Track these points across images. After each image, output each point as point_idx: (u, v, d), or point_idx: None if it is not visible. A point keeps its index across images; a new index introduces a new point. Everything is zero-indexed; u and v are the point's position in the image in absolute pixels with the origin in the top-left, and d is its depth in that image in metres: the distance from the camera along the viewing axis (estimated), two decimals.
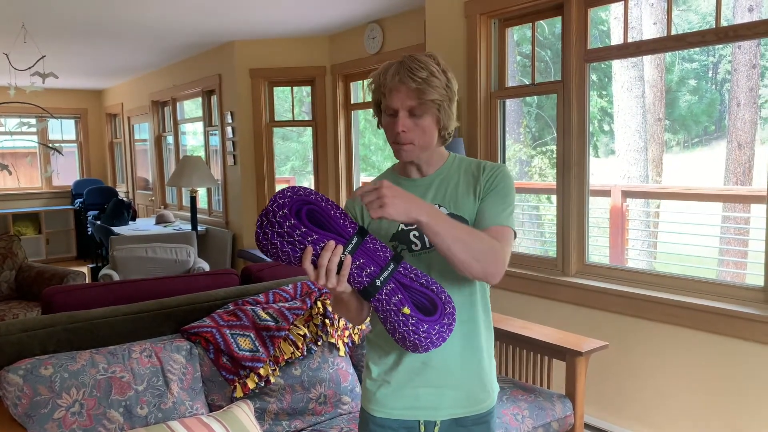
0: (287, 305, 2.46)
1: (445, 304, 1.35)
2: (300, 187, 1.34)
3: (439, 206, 1.49)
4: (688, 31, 2.73)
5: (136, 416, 2.01)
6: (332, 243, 1.28)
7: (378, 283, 1.31)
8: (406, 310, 1.31)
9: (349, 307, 1.45)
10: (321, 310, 2.49)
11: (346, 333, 2.57)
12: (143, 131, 8.47)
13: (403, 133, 1.43)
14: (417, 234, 1.48)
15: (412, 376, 1.50)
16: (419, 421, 1.52)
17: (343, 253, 1.29)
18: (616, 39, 6.80)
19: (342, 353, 2.51)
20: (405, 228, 1.49)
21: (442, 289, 1.37)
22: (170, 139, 7.61)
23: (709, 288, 2.74)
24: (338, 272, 1.29)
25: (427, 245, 1.48)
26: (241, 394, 2.24)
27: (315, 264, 1.29)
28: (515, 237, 1.48)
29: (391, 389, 1.52)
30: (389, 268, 1.32)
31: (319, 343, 2.44)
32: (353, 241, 1.30)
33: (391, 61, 1.45)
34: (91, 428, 1.93)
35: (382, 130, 1.51)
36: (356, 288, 1.33)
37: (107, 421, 1.96)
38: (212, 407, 2.24)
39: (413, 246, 1.48)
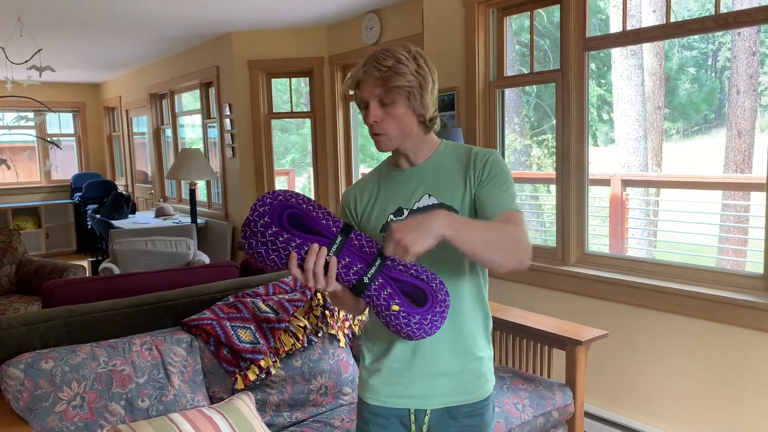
0: (287, 297, 2.47)
1: (436, 292, 1.35)
2: (280, 191, 1.33)
3: (429, 196, 1.47)
4: (688, 18, 2.71)
5: (137, 409, 2.01)
6: (316, 246, 1.29)
7: (366, 280, 1.31)
8: (395, 308, 1.31)
9: (346, 301, 1.45)
10: (321, 301, 2.49)
11: (347, 324, 2.58)
12: (141, 124, 8.45)
13: (375, 123, 1.41)
14: None
15: (403, 364, 1.50)
16: (410, 410, 1.52)
17: (327, 255, 1.29)
18: (615, 28, 6.77)
19: (342, 344, 2.52)
20: (394, 219, 1.47)
21: (434, 276, 1.36)
22: (169, 131, 7.59)
23: (709, 276, 2.74)
24: (326, 273, 1.30)
25: None
26: (242, 386, 2.24)
27: (302, 268, 1.30)
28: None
29: (383, 377, 1.52)
30: (376, 264, 1.32)
31: (320, 335, 2.44)
32: (337, 241, 1.30)
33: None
34: (92, 421, 1.93)
35: None
36: (346, 286, 1.34)
37: (109, 414, 1.96)
38: (213, 399, 2.24)
39: None
